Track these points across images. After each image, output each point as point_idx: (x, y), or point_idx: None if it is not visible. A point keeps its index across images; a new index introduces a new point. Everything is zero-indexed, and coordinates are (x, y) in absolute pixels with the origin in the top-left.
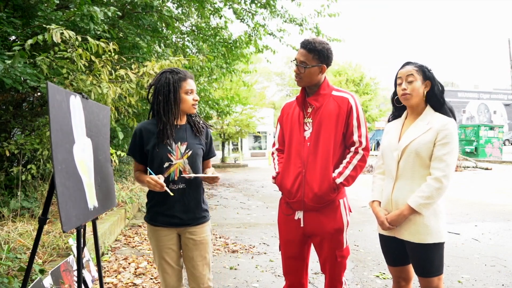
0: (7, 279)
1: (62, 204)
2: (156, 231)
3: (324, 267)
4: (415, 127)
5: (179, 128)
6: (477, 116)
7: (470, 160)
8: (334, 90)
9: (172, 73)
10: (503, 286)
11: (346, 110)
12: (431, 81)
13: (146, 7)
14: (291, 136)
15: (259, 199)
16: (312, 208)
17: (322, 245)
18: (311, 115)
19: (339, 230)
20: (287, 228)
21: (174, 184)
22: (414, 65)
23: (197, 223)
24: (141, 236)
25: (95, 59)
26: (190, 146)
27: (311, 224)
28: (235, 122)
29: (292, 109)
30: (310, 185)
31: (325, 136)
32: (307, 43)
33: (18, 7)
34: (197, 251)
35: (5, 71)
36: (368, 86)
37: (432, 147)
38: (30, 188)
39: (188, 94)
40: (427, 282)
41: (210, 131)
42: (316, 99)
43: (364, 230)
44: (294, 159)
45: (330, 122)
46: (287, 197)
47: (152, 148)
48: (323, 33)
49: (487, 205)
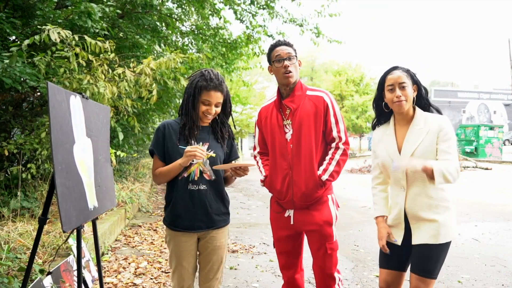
0: (7, 279)
1: (62, 204)
2: (176, 236)
3: (314, 261)
4: (414, 133)
5: (202, 129)
6: (477, 116)
7: (470, 160)
8: (308, 89)
9: (201, 78)
10: (503, 286)
11: (323, 108)
12: (418, 84)
13: (146, 7)
14: (273, 139)
15: (259, 199)
16: (302, 206)
17: (312, 238)
18: (290, 117)
19: (328, 222)
20: (278, 225)
21: (194, 185)
22: (403, 69)
23: (218, 227)
24: (141, 236)
25: (93, 58)
26: (212, 147)
27: (301, 220)
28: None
29: (270, 113)
30: (297, 185)
31: (306, 136)
32: (283, 41)
33: (17, 7)
34: (215, 256)
35: (3, 71)
36: (368, 86)
37: (435, 147)
38: (30, 188)
39: (204, 104)
40: (424, 283)
41: (231, 132)
42: (292, 101)
43: (364, 230)
44: (280, 161)
45: (309, 122)
46: (277, 197)
47: (172, 145)
48: (324, 33)
49: (487, 205)
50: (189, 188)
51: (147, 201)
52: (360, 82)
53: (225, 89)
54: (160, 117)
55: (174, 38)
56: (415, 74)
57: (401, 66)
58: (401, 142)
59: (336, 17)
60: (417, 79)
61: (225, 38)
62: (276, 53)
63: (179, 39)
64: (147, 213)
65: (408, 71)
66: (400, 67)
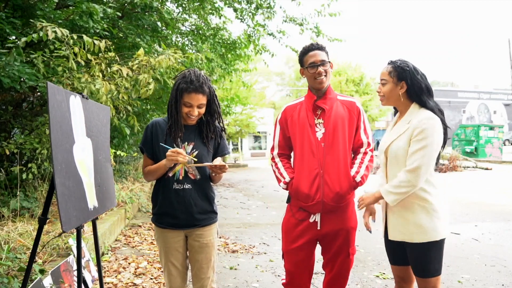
0: (7, 279)
1: (62, 204)
2: (162, 233)
3: (331, 263)
4: (396, 128)
5: (188, 129)
6: (477, 116)
7: (470, 160)
8: (339, 95)
9: (183, 80)
10: (503, 286)
11: (356, 113)
12: (406, 81)
13: (145, 7)
14: (302, 138)
15: (259, 199)
16: (331, 208)
17: (334, 243)
18: (321, 116)
19: (354, 228)
20: (297, 233)
21: (179, 184)
22: (392, 65)
23: (203, 225)
24: (141, 236)
25: (91, 57)
26: (197, 147)
27: (328, 224)
28: (235, 122)
29: (298, 112)
30: (329, 185)
31: (341, 136)
32: (317, 45)
33: (17, 7)
34: (202, 254)
35: (2, 69)
36: (368, 86)
37: (407, 147)
38: (30, 188)
39: (186, 106)
40: (424, 283)
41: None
42: (325, 102)
43: (364, 230)
44: (309, 160)
45: (343, 124)
46: (303, 202)
47: (159, 144)
48: (324, 33)
49: (487, 205)
50: (174, 187)
51: (147, 201)
52: (360, 82)
53: (208, 89)
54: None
55: (174, 38)
56: (406, 69)
57: (395, 60)
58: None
59: (336, 16)
60: (407, 75)
61: (225, 38)
62: (310, 58)
63: (179, 39)
64: (147, 213)
65: (397, 66)
66: (393, 61)
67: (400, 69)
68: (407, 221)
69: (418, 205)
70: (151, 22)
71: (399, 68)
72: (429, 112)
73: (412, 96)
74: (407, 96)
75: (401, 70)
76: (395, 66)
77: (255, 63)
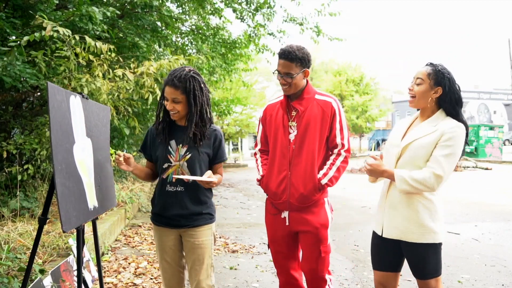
0: (7, 279)
1: (62, 204)
2: (158, 231)
3: (306, 263)
4: (421, 128)
5: (180, 129)
6: (477, 116)
7: (470, 160)
8: (317, 93)
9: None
10: (503, 286)
11: (330, 114)
12: (443, 88)
13: (145, 7)
14: (275, 138)
15: (259, 199)
16: (297, 208)
17: (307, 241)
18: (296, 118)
19: (324, 225)
20: (273, 226)
21: (172, 186)
22: (432, 67)
23: (196, 225)
24: (141, 236)
25: (93, 58)
26: (191, 150)
27: (296, 222)
28: (235, 122)
29: (276, 111)
30: (295, 186)
31: (310, 138)
32: (287, 53)
33: (17, 7)
34: (194, 255)
35: (3, 69)
36: (368, 86)
37: (431, 149)
38: (30, 188)
39: (166, 100)
40: (424, 284)
41: (219, 134)
42: (300, 103)
43: (364, 230)
44: (279, 161)
45: (315, 126)
46: (272, 199)
47: (155, 148)
48: (324, 32)
49: (487, 205)
50: (167, 189)
51: (147, 201)
52: (360, 82)
53: (182, 85)
54: None
55: (174, 38)
56: (447, 76)
57: (435, 64)
58: (408, 132)
59: (336, 16)
60: (445, 82)
61: (225, 38)
62: (278, 65)
63: (179, 39)
64: (147, 213)
65: (438, 71)
66: (434, 64)
67: (441, 74)
68: (407, 220)
69: (423, 205)
70: (151, 22)
71: (440, 73)
72: (457, 121)
73: (443, 103)
74: (437, 102)
75: (441, 75)
76: (436, 69)
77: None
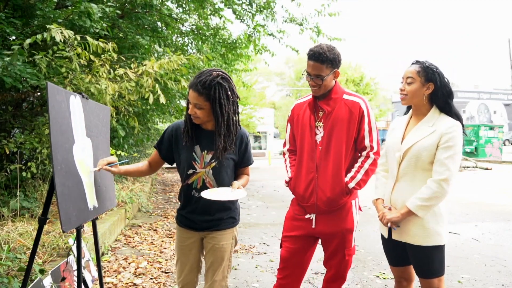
0: (7, 279)
1: (62, 204)
2: (179, 231)
3: (330, 262)
4: (419, 129)
5: (207, 134)
6: (477, 116)
7: (470, 160)
8: (345, 93)
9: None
10: (503, 286)
11: (358, 115)
12: (435, 83)
13: (145, 7)
14: (302, 139)
15: (259, 199)
16: (325, 211)
17: (331, 243)
18: (322, 119)
19: (349, 230)
20: (296, 224)
21: (196, 192)
22: (420, 65)
23: (218, 229)
24: (141, 236)
25: (94, 58)
26: (215, 157)
27: (322, 225)
28: None
29: (303, 111)
30: (322, 189)
31: (337, 140)
32: (318, 55)
33: (17, 7)
34: (213, 257)
35: (4, 69)
36: (368, 86)
37: (434, 150)
38: (30, 188)
39: (190, 104)
40: (428, 283)
41: (245, 138)
42: (328, 103)
43: (364, 230)
44: (307, 163)
45: (341, 127)
46: (300, 201)
47: (178, 150)
48: (323, 32)
49: (487, 205)
50: (192, 194)
51: (147, 201)
52: (360, 82)
53: (206, 92)
54: (160, 117)
55: (174, 38)
56: (435, 71)
57: (422, 61)
58: (407, 135)
59: (336, 16)
60: (435, 77)
61: (225, 38)
62: (307, 66)
63: (179, 39)
64: (147, 213)
65: (426, 67)
66: (421, 61)
67: (430, 70)
68: (412, 223)
69: None
70: (151, 22)
71: (429, 69)
72: (453, 119)
73: (435, 98)
74: (429, 99)
75: (431, 71)
76: (424, 66)
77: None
